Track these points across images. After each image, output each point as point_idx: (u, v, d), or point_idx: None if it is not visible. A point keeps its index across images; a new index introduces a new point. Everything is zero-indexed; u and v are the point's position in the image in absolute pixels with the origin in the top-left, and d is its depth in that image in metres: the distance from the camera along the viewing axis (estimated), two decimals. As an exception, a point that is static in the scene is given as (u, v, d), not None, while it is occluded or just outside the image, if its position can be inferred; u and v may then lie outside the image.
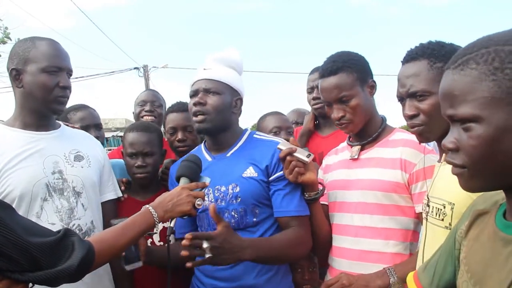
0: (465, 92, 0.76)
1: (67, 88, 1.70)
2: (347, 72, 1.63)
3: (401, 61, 1.39)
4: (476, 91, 0.75)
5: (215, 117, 1.68)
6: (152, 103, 2.78)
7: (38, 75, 1.64)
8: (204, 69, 1.74)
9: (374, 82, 1.70)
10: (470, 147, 0.76)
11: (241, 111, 1.81)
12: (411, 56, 1.36)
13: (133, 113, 2.88)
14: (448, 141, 0.80)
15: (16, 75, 1.68)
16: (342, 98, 1.63)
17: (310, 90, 2.45)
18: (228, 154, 1.74)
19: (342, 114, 1.64)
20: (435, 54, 1.32)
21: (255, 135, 1.80)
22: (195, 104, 1.69)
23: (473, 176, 0.79)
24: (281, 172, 1.65)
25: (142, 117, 2.75)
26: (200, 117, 1.68)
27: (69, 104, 1.82)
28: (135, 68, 17.13)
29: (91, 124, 2.45)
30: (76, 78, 13.90)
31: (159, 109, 2.78)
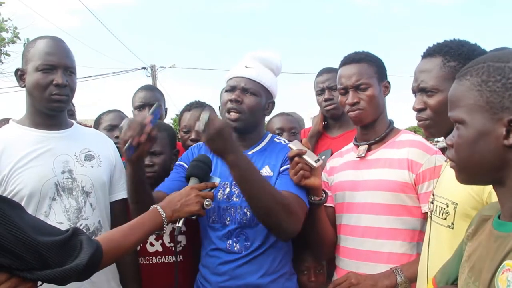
0: (458, 99, 0.91)
1: (62, 86, 1.64)
2: (369, 63, 1.71)
3: (421, 55, 1.43)
4: (465, 99, 0.89)
5: (248, 118, 1.70)
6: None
7: (33, 74, 1.64)
8: (246, 66, 1.74)
9: (389, 83, 1.77)
10: (457, 145, 0.91)
11: (270, 113, 1.84)
12: (429, 52, 1.40)
13: (132, 112, 2.71)
14: (448, 138, 0.95)
15: (20, 75, 1.69)
16: (360, 85, 1.68)
17: (320, 92, 2.44)
18: (250, 153, 1.73)
19: (356, 100, 1.68)
20: (451, 53, 1.35)
21: (275, 139, 1.82)
22: (231, 101, 1.69)
23: (460, 170, 0.93)
24: (289, 165, 1.64)
25: None
26: (234, 115, 1.68)
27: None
28: (142, 68, 17.21)
29: (119, 125, 2.50)
30: (84, 77, 14.02)
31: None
